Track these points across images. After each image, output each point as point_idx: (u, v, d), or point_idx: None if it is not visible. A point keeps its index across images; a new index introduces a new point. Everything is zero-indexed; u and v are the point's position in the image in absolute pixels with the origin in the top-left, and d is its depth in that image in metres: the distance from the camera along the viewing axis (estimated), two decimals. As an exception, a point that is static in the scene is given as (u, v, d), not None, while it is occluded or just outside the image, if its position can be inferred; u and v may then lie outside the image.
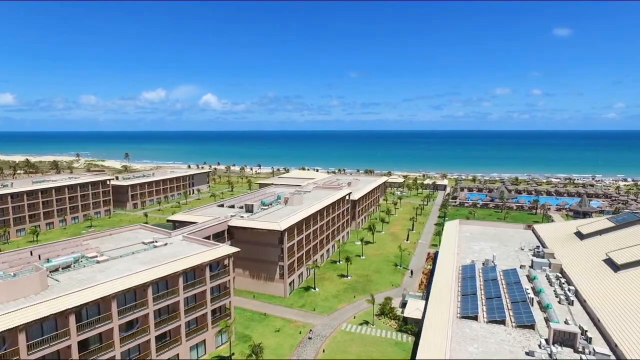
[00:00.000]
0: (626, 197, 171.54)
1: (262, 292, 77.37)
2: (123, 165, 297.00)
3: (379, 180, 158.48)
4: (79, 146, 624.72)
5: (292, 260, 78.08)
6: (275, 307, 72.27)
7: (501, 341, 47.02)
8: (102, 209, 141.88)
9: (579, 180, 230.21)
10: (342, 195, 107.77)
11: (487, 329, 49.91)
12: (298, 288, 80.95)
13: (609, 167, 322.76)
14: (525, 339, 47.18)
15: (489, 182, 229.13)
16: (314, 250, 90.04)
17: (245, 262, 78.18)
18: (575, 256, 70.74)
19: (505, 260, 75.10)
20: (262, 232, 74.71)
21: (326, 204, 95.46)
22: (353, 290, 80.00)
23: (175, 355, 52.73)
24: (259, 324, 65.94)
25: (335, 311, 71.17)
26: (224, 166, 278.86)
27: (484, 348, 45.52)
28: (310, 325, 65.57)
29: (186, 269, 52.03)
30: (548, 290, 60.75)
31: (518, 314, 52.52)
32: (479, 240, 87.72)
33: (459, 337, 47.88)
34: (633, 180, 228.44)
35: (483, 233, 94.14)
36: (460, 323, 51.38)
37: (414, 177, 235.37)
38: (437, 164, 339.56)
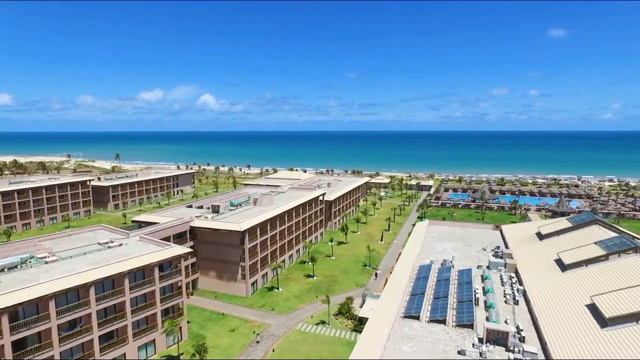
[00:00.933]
0: (607, 197, 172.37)
1: (224, 292, 77.91)
2: (113, 166, 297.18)
3: (360, 181, 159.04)
4: (75, 146, 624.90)
5: (254, 260, 78.62)
6: (235, 307, 72.83)
7: (437, 340, 47.56)
8: (82, 209, 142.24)
9: (564, 181, 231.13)
10: (315, 196, 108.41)
11: (427, 328, 50.44)
12: (261, 288, 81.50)
13: (600, 167, 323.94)
14: (462, 338, 47.72)
15: (475, 182, 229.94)
16: (281, 250, 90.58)
17: (208, 262, 78.77)
18: (531, 256, 71.40)
19: (465, 260, 75.60)
20: (223, 232, 75.25)
21: (295, 204, 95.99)
22: (316, 290, 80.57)
23: (122, 354, 53.23)
24: (216, 324, 66.47)
25: (294, 311, 71.74)
26: (213, 167, 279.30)
27: (419, 347, 46.07)
28: (266, 325, 66.16)
29: (132, 269, 52.54)
30: (498, 290, 61.29)
31: (460, 314, 53.07)
32: (445, 241, 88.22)
33: (396, 337, 48.41)
34: (619, 180, 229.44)
35: (451, 233, 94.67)
36: (402, 322, 51.90)
37: (400, 177, 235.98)
38: (430, 165, 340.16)
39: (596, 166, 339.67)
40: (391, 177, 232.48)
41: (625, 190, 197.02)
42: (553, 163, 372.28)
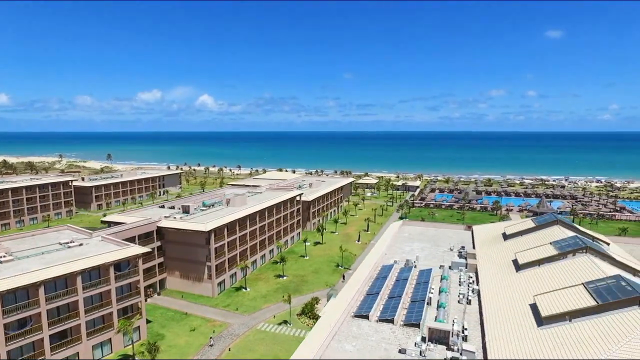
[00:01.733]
0: (590, 198, 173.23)
1: (191, 292, 78.38)
2: (102, 167, 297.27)
3: (343, 182, 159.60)
4: (71, 147, 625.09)
5: (221, 260, 79.12)
6: (200, 307, 73.29)
7: (382, 339, 48.14)
8: (64, 209, 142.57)
9: (552, 182, 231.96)
10: (290, 196, 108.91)
11: (375, 327, 51.01)
12: (229, 288, 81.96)
13: (592, 168, 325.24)
14: (406, 337, 48.31)
15: (462, 183, 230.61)
16: (252, 250, 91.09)
17: (175, 262, 79.26)
18: (492, 256, 72.04)
19: (431, 260, 76.29)
20: (189, 232, 75.75)
21: (268, 205, 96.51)
22: (284, 290, 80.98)
23: (75, 353, 53.67)
24: (177, 324, 66.93)
25: (258, 311, 72.22)
26: (203, 167, 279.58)
27: (362, 346, 46.66)
28: (226, 325, 66.67)
29: (85, 269, 53.01)
30: (455, 290, 61.96)
31: (410, 313, 53.72)
32: (414, 241, 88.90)
33: (342, 336, 48.96)
34: (605, 181, 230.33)
35: (423, 234, 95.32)
36: (352, 322, 52.47)
37: (388, 178, 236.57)
38: (424, 165, 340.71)
39: (587, 167, 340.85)
40: (379, 178, 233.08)
41: (609, 190, 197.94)
42: (545, 164, 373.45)
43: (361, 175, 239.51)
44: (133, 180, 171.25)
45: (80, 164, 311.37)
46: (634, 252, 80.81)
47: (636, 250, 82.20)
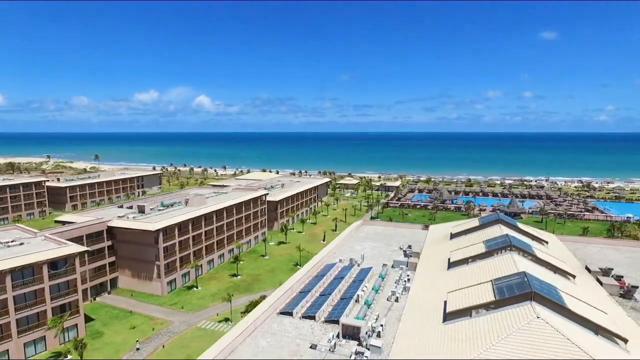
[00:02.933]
0: (563, 198, 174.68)
1: (142, 290, 79.43)
2: (85, 167, 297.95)
3: (317, 182, 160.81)
4: (65, 147, 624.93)
5: (172, 259, 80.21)
6: (147, 306, 74.35)
7: (298, 335, 49.12)
8: (37, 210, 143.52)
9: (533, 182, 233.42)
10: (254, 196, 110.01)
11: (295, 324, 51.97)
12: (181, 287, 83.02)
13: (579, 169, 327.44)
14: (323, 333, 49.27)
15: (444, 183, 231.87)
16: (209, 249, 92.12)
17: (126, 261, 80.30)
18: (434, 255, 73.14)
19: (377, 259, 77.21)
20: (138, 232, 76.81)
21: (226, 205, 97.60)
22: (235, 289, 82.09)
23: (5, 350, 54.63)
24: (120, 322, 67.99)
25: (203, 309, 73.31)
26: (188, 168, 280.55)
27: (275, 342, 47.60)
28: (168, 323, 67.76)
29: (14, 267, 54.00)
30: (388, 288, 63.11)
31: (334, 310, 54.73)
32: (368, 241, 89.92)
33: (260, 332, 49.94)
34: (584, 182, 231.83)
35: (380, 234, 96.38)
36: (275, 319, 53.44)
37: (369, 178, 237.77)
38: (412, 166, 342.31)
39: (575, 168, 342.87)
40: (361, 178, 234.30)
41: (586, 191, 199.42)
42: (532, 164, 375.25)
43: (343, 175, 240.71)
44: (110, 180, 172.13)
45: (67, 165, 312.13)
46: (580, 250, 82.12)
47: (582, 249, 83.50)
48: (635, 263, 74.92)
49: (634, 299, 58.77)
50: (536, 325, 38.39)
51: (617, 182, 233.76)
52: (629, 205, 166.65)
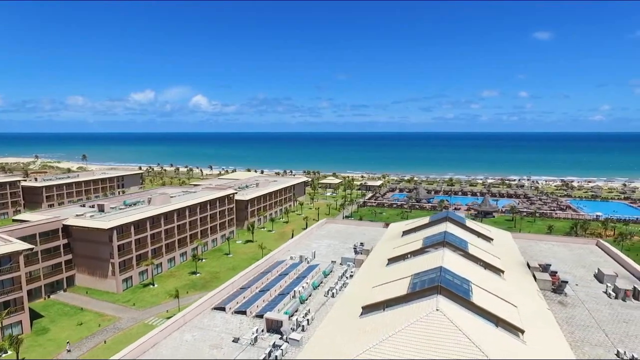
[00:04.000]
0: (537, 197, 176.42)
1: (97, 288, 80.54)
2: (78, 167, 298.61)
3: (293, 181, 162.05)
4: (59, 148, 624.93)
5: (128, 257, 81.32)
6: (100, 303, 75.44)
7: (225, 329, 50.30)
8: (11, 209, 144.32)
9: (514, 182, 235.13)
10: (220, 195, 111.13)
11: (226, 319, 53.18)
12: (138, 284, 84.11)
13: (565, 168, 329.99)
14: (250, 327, 50.57)
15: (426, 182, 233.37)
16: (170, 247, 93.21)
17: (82, 259, 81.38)
18: (382, 252, 74.18)
19: (329, 256, 78.37)
20: (92, 230, 77.91)
21: (189, 204, 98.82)
22: (192, 286, 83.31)
23: (-56, 346, 55.63)
24: (69, 318, 69.07)
25: (155, 306, 74.44)
26: (174, 167, 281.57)
27: (200, 336, 48.76)
28: (116, 319, 68.93)
29: (-48, 264, 55.11)
30: (329, 284, 64.36)
31: (267, 306, 56.07)
32: (326, 238, 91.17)
33: (189, 327, 51.07)
34: (564, 181, 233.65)
35: (341, 232, 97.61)
36: (208, 314, 54.67)
37: (352, 177, 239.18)
38: (401, 166, 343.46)
39: (561, 167, 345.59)
40: (344, 178, 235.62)
41: (564, 190, 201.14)
42: (518, 164, 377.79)
43: (327, 175, 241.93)
44: (89, 180, 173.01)
45: (54, 165, 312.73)
46: (531, 247, 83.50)
47: (534, 247, 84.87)
48: (580, 259, 76.53)
49: (564, 293, 60.34)
50: (433, 317, 39.70)
51: (598, 182, 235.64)
52: (604, 204, 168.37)
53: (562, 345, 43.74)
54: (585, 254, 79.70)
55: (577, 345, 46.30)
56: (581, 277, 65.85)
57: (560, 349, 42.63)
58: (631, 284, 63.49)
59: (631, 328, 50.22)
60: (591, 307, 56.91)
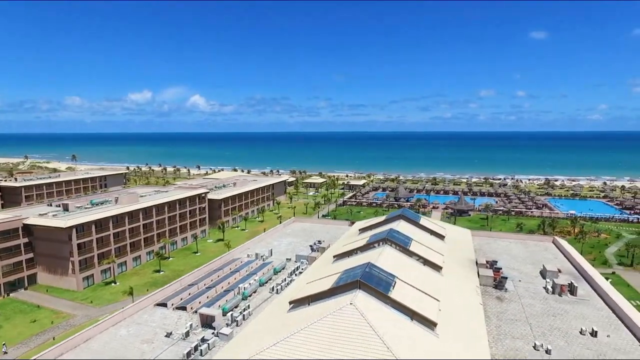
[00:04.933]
0: (516, 196, 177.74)
1: (58, 286, 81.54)
2: (68, 167, 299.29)
3: (272, 181, 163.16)
4: (54, 148, 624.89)
5: (89, 255, 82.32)
6: (59, 300, 76.42)
7: (162, 324, 51.35)
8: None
9: (497, 180, 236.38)
10: (189, 195, 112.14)
11: (166, 314, 54.28)
12: (100, 282, 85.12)
13: (556, 167, 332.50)
14: (186, 322, 51.62)
15: (411, 182, 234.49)
16: (135, 246, 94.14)
17: (43, 258, 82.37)
18: (335, 249, 75.35)
19: (286, 254, 79.48)
20: (52, 229, 78.90)
21: (157, 203, 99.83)
22: (153, 284, 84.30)
23: None
24: (24, 316, 70.06)
25: (111, 304, 75.41)
26: (161, 167, 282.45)
27: (135, 331, 49.86)
28: (70, 316, 69.96)
29: None
30: (277, 281, 65.53)
31: (210, 302, 57.21)
32: (290, 237, 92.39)
33: (127, 322, 52.15)
34: (546, 180, 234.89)
35: (305, 230, 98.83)
36: (150, 310, 55.72)
37: (336, 177, 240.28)
38: (391, 165, 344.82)
39: (547, 166, 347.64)
40: (329, 177, 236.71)
41: (545, 188, 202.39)
42: (508, 163, 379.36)
43: (312, 174, 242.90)
44: (70, 180, 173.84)
45: (43, 165, 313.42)
46: (488, 245, 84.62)
47: (492, 244, 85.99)
48: (532, 256, 77.79)
49: (505, 289, 61.59)
50: (346, 311, 40.82)
51: (581, 181, 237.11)
52: (582, 202, 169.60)
53: (478, 338, 44.91)
54: (539, 251, 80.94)
55: (499, 338, 47.42)
56: (527, 274, 67.05)
57: (474, 341, 43.80)
58: (570, 280, 64.80)
59: (557, 321, 51.47)
60: (526, 302, 58.12)
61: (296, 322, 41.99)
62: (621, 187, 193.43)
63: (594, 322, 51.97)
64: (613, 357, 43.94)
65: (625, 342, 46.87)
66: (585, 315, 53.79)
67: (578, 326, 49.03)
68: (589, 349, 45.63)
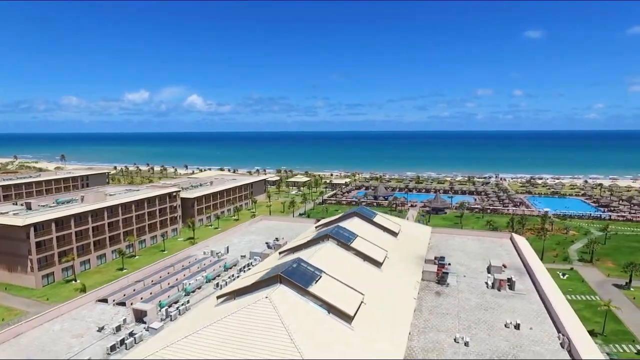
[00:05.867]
0: (495, 193, 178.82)
1: (17, 284, 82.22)
2: (56, 167, 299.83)
3: (250, 180, 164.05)
4: (47, 148, 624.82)
5: (48, 254, 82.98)
6: (15, 298, 77.16)
7: (98, 319, 51.96)
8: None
9: (478, 179, 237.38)
10: (158, 194, 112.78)
11: (105, 310, 54.80)
12: (61, 280, 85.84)
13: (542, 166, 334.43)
14: (122, 317, 52.32)
15: (395, 180, 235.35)
16: (100, 244, 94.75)
17: (2, 256, 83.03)
18: (286, 247, 76.21)
19: (243, 251, 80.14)
20: (9, 227, 79.57)
21: (122, 201, 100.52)
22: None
23: None
24: (-23, 313, 70.90)
25: (67, 301, 76.07)
26: (148, 167, 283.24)
27: (69, 326, 50.57)
28: (23, 313, 70.74)
29: None
30: (225, 277, 66.28)
31: (152, 297, 57.95)
32: (252, 234, 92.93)
33: (65, 318, 52.99)
34: (527, 179, 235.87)
35: (270, 228, 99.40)
36: (91, 305, 56.47)
37: (320, 176, 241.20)
38: (380, 165, 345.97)
39: (542, 165, 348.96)
40: (313, 176, 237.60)
41: (527, 187, 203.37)
42: (500, 162, 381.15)
43: (297, 173, 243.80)
44: (50, 179, 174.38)
45: (31, 165, 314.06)
46: (446, 242, 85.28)
47: (450, 240, 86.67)
48: (485, 253, 78.38)
49: (447, 284, 62.44)
50: (260, 304, 41.64)
51: (566, 179, 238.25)
52: (560, 200, 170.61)
53: (398, 331, 45.75)
54: (493, 248, 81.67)
55: (424, 331, 48.14)
56: (475, 269, 67.69)
57: (391, 334, 44.63)
58: (513, 275, 65.72)
59: (486, 315, 52.20)
60: (464, 296, 58.85)
61: (214, 317, 42.83)
62: (599, 185, 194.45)
63: (522, 315, 52.73)
64: (528, 348, 44.76)
65: (545, 334, 47.64)
66: (516, 309, 54.56)
67: (505, 319, 49.80)
68: (507, 340, 46.38)
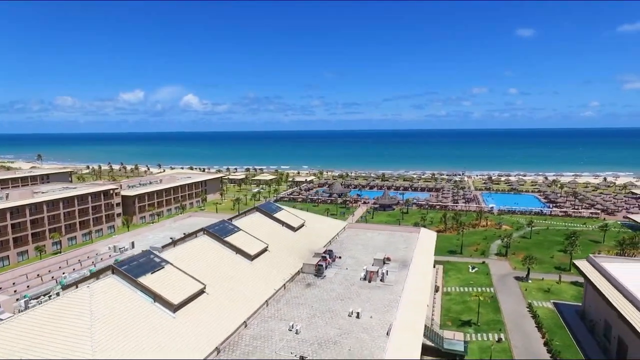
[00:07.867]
0: (448, 190, 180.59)
1: None
2: (32, 166, 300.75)
3: (203, 178, 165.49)
4: (39, 149, 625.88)
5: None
6: None
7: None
8: None
9: (446, 176, 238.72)
10: (93, 191, 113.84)
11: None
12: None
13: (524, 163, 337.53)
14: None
15: (362, 178, 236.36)
16: (22, 241, 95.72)
17: None
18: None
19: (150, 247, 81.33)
20: None
21: (48, 199, 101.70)
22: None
23: None
24: None
25: None
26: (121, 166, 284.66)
27: None
28: None
29: None
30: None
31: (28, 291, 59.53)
32: (172, 231, 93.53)
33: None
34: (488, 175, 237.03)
35: (195, 225, 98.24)
36: None
37: (286, 174, 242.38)
38: (373, 163, 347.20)
39: (520, 162, 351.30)
40: (280, 174, 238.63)
41: (487, 183, 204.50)
42: (475, 159, 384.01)
43: (267, 172, 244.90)
44: (7, 178, 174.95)
45: (6, 165, 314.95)
46: (358, 236, 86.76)
47: (362, 235, 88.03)
48: (386, 246, 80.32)
49: (324, 276, 64.00)
50: (80, 293, 43.04)
51: (532, 176, 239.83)
52: (514, 197, 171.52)
53: (229, 319, 47.17)
54: (397, 242, 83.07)
55: (268, 320, 49.47)
56: (365, 262, 69.01)
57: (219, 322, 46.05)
58: (395, 268, 67.26)
59: (337, 305, 53.51)
60: (331, 287, 60.29)
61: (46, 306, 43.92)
62: (553, 182, 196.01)
63: (373, 305, 54.09)
64: (355, 335, 46.10)
65: (379, 322, 48.89)
66: (371, 299, 55.87)
67: (353, 309, 51.05)
68: (340, 328, 47.82)
